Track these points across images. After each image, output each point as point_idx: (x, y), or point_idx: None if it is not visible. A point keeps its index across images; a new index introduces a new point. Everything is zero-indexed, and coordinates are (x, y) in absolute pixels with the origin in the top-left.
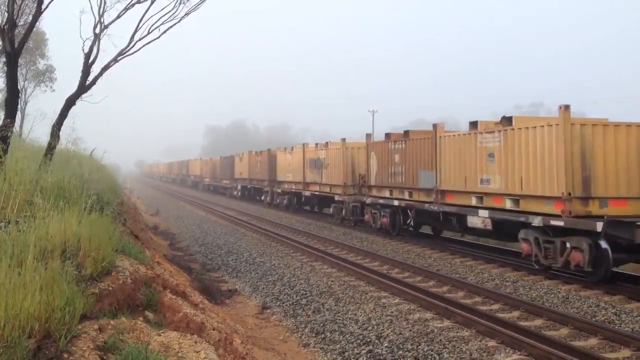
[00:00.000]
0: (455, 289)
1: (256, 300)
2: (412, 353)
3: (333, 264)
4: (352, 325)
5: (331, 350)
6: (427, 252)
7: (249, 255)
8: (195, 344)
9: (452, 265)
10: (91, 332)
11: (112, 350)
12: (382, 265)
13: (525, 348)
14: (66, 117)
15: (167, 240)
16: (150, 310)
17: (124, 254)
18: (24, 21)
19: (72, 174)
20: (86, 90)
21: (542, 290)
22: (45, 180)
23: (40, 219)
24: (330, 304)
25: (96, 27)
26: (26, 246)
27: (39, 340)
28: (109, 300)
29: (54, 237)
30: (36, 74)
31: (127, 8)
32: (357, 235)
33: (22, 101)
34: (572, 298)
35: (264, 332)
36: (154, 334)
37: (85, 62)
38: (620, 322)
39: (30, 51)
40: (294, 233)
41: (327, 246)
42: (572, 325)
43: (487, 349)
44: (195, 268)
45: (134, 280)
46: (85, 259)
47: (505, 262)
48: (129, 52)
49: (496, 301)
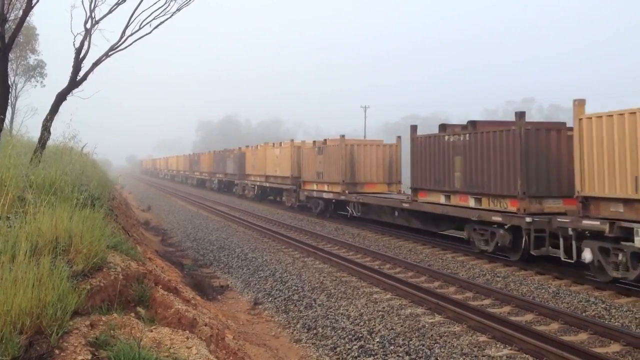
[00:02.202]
0: (447, 285)
1: (248, 296)
2: (403, 348)
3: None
4: (344, 321)
5: (323, 345)
6: (419, 248)
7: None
8: (187, 340)
9: (443, 260)
10: (83, 328)
11: (103, 347)
12: (374, 260)
13: (516, 343)
14: (57, 112)
15: (158, 236)
16: (142, 306)
17: (115, 250)
18: (14, 16)
19: (63, 169)
20: (77, 86)
21: (533, 286)
22: (37, 176)
23: (32, 215)
24: (322, 300)
25: (87, 22)
26: (17, 242)
27: (30, 336)
28: (100, 297)
29: (45, 233)
30: (27, 69)
31: (118, 3)
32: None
33: (13, 96)
34: (562, 293)
35: (256, 327)
36: (146, 330)
37: (76, 57)
38: (610, 317)
39: (20, 46)
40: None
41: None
42: (562, 320)
43: (478, 343)
44: (187, 264)
45: (125, 276)
46: (77, 255)
47: (495, 258)
48: (120, 47)
49: (487, 296)
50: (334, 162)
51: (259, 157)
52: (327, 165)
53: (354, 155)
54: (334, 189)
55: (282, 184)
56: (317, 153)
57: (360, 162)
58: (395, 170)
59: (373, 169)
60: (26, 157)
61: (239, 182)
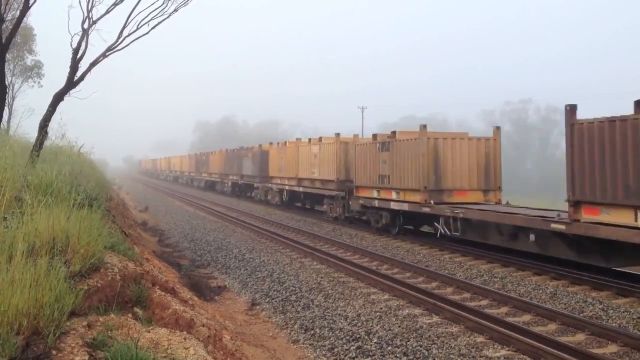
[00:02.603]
0: (444, 285)
1: (246, 296)
2: (401, 349)
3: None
4: (342, 322)
5: (320, 346)
6: (417, 248)
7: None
8: (184, 341)
9: (441, 261)
10: (80, 328)
11: (101, 347)
12: (372, 261)
13: (514, 344)
14: (54, 112)
15: (155, 237)
16: (140, 306)
17: (112, 251)
18: (12, 16)
19: (60, 169)
20: (74, 86)
21: (530, 286)
22: (34, 176)
23: (29, 215)
24: (320, 300)
25: (85, 23)
26: (14, 242)
27: (27, 336)
28: (97, 297)
29: (43, 234)
30: (24, 70)
31: (116, 3)
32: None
33: (10, 97)
34: (560, 294)
35: (254, 328)
36: (143, 330)
37: (74, 58)
38: (608, 318)
39: (18, 46)
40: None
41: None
42: (560, 320)
43: (475, 344)
44: (184, 264)
45: (123, 276)
46: (74, 255)
47: (493, 259)
48: (118, 47)
49: (485, 297)
50: (409, 162)
51: (289, 156)
52: (396, 166)
53: (438, 153)
54: (410, 198)
55: (322, 190)
56: (379, 150)
57: (447, 163)
58: (494, 173)
59: (464, 171)
60: (23, 157)
61: (259, 185)
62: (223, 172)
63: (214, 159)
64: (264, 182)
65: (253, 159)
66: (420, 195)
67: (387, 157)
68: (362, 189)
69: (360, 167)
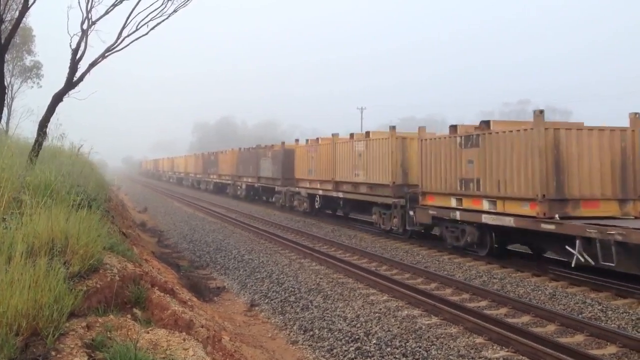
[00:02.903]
0: (444, 286)
1: (245, 297)
2: (400, 350)
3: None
4: (341, 323)
5: (319, 347)
6: (416, 250)
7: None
8: (183, 342)
9: (440, 262)
10: (79, 329)
11: (100, 348)
12: (371, 262)
13: (513, 345)
14: (53, 113)
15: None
16: (139, 307)
17: (112, 252)
18: (11, 17)
19: (59, 170)
20: (74, 87)
21: (530, 287)
22: (33, 177)
23: (28, 216)
24: (319, 301)
25: (84, 23)
26: (13, 243)
27: (26, 337)
28: (97, 298)
29: (42, 235)
30: (23, 70)
31: (115, 4)
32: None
33: (9, 97)
34: (559, 295)
35: (253, 329)
36: (143, 331)
37: (73, 59)
38: (607, 319)
39: (17, 47)
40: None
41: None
42: (559, 322)
43: (474, 345)
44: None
45: (122, 277)
46: (73, 256)
47: (492, 259)
48: (117, 48)
49: (484, 298)
50: (514, 162)
51: (322, 155)
52: (490, 166)
53: (560, 149)
54: (514, 209)
55: (369, 196)
56: (461, 146)
57: (572, 162)
58: (634, 177)
59: (594, 173)
60: (22, 158)
61: (282, 189)
62: (235, 174)
63: (224, 159)
64: (287, 185)
65: (274, 159)
66: (535, 206)
67: (474, 154)
68: (431, 196)
69: (428, 169)
